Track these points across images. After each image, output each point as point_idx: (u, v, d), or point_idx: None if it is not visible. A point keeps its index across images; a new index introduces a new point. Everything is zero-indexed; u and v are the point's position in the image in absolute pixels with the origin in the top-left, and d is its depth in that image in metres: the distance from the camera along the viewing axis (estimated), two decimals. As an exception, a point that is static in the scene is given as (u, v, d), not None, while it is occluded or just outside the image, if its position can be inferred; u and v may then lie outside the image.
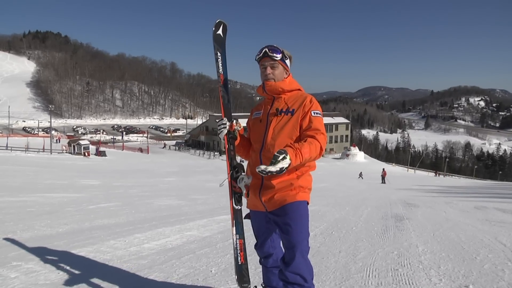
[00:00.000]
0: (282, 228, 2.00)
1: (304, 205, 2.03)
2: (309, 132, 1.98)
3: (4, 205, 6.87)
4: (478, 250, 4.07)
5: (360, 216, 6.68)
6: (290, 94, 2.12)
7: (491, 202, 10.70)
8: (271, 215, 2.07)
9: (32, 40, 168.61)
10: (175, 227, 5.02)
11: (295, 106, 2.05)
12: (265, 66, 2.09)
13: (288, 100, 2.10)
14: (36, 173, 17.65)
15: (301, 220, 2.00)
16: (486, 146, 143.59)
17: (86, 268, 3.02)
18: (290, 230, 1.96)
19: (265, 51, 2.06)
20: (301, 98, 2.08)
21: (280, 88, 2.09)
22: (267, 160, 1.90)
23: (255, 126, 2.17)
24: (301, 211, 2.01)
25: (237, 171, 2.23)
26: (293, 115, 2.03)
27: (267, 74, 2.08)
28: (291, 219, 1.98)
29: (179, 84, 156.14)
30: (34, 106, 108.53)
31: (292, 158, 1.75)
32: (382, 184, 26.38)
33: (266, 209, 2.07)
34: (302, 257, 1.97)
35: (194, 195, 10.48)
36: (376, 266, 3.35)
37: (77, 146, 39.90)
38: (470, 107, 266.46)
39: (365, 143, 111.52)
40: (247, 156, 2.23)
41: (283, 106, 2.08)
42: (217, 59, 2.49)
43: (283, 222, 2.00)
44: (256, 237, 2.24)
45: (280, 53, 2.06)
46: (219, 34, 2.52)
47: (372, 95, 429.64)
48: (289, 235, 1.97)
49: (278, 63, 2.07)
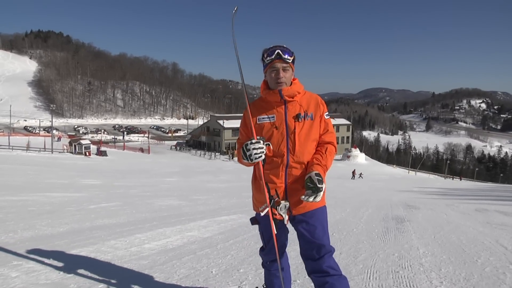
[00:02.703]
0: (311, 231, 2.01)
1: (325, 208, 2.11)
2: (325, 136, 2.05)
3: (5, 204, 6.87)
4: (479, 253, 4.06)
5: (360, 218, 6.67)
6: (300, 95, 2.03)
7: (492, 205, 10.68)
8: (297, 218, 2.04)
9: (34, 40, 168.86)
10: (175, 227, 5.01)
11: (311, 109, 2.01)
12: (277, 69, 1.95)
13: (302, 103, 2.02)
14: (37, 172, 17.68)
15: (325, 220, 2.08)
16: (487, 148, 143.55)
17: (87, 268, 3.01)
18: (317, 232, 2.00)
19: (278, 53, 1.92)
20: (313, 100, 2.05)
21: (296, 92, 2.00)
22: (298, 167, 1.98)
23: (270, 132, 1.99)
24: (325, 215, 2.09)
25: (275, 197, 2.01)
26: (313, 119, 2.01)
27: (280, 78, 1.95)
28: (318, 222, 2.02)
29: (181, 84, 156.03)
30: (35, 106, 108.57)
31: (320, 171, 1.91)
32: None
33: (290, 212, 2.00)
34: (332, 257, 2.02)
35: (195, 195, 10.48)
36: (376, 268, 3.35)
37: (78, 146, 39.96)
38: (472, 109, 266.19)
39: (366, 144, 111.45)
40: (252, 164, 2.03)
41: (299, 110, 2.00)
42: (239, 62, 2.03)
43: (310, 225, 2.01)
44: (265, 242, 2.17)
45: (291, 55, 1.96)
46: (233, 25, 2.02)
47: (374, 97, 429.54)
48: (315, 238, 2.00)
49: (289, 66, 1.97)
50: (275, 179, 2.00)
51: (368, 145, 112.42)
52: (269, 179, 2.00)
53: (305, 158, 1.98)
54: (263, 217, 2.04)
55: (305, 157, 1.98)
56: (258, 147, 1.89)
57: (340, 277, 1.98)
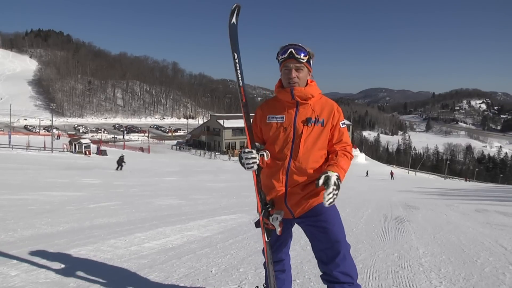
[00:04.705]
0: (319, 229, 1.92)
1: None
2: (339, 145, 1.94)
3: (5, 203, 6.87)
4: (478, 253, 4.06)
5: (360, 218, 6.67)
6: (315, 99, 1.94)
7: (492, 205, 10.68)
8: (298, 220, 1.98)
9: (34, 39, 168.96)
10: (175, 226, 5.01)
11: (324, 115, 1.91)
12: (290, 69, 1.88)
13: (315, 107, 1.93)
14: (37, 171, 17.68)
15: (337, 217, 1.95)
16: (487, 149, 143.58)
17: (87, 266, 3.02)
18: (329, 229, 1.90)
19: (291, 52, 1.85)
20: (328, 106, 1.94)
21: (310, 95, 1.91)
22: (299, 173, 1.89)
23: (277, 133, 1.93)
24: (334, 207, 1.92)
25: (268, 207, 1.95)
26: (323, 126, 1.91)
27: (292, 78, 1.88)
28: (327, 218, 1.90)
29: (181, 84, 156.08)
30: (35, 105, 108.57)
31: (339, 173, 1.78)
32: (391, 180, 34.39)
33: (293, 215, 1.95)
34: (348, 255, 1.92)
35: (195, 195, 10.48)
36: (376, 268, 3.35)
37: (78, 145, 39.98)
38: (472, 110, 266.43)
39: (366, 144, 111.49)
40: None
41: (310, 114, 1.91)
42: (236, 64, 1.92)
43: (318, 223, 1.91)
44: (272, 244, 2.10)
45: (306, 54, 1.87)
46: (233, 23, 1.91)
47: (374, 97, 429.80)
48: (329, 234, 1.89)
49: (303, 65, 1.89)
50: (276, 183, 1.93)
51: (368, 145, 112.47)
52: (270, 183, 1.95)
53: (309, 166, 1.89)
54: None
55: (309, 164, 1.88)
56: (251, 157, 1.85)
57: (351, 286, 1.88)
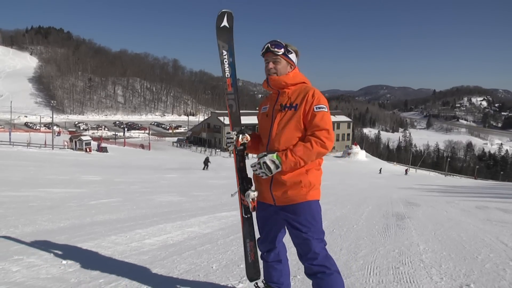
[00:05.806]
0: (295, 227, 2.02)
1: (316, 204, 2.06)
2: (310, 130, 1.98)
3: (6, 199, 6.89)
4: (479, 250, 4.07)
5: (361, 214, 6.67)
6: (294, 88, 2.11)
7: (492, 202, 10.68)
8: (280, 211, 2.09)
9: (34, 36, 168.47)
10: (176, 223, 5.02)
11: (298, 100, 2.04)
12: (268, 61, 2.10)
13: (291, 95, 2.09)
14: (37, 168, 17.71)
15: (315, 219, 2.04)
16: (488, 146, 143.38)
17: (87, 263, 3.02)
18: (302, 232, 2.00)
19: (267, 46, 2.08)
20: (303, 92, 2.06)
21: (283, 82, 2.09)
22: None
23: (263, 121, 2.19)
24: (313, 210, 2.04)
25: (245, 184, 2.21)
26: (296, 110, 2.03)
27: (270, 69, 2.10)
28: (304, 220, 2.01)
29: (181, 81, 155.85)
30: (36, 102, 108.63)
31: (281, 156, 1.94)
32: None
33: (275, 202, 2.08)
34: (322, 252, 1.99)
35: (196, 191, 10.49)
36: (377, 264, 3.35)
37: (79, 142, 39.96)
38: (472, 107, 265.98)
39: (367, 141, 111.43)
40: (257, 151, 2.21)
41: (286, 101, 2.08)
42: (223, 60, 2.25)
43: (295, 222, 2.02)
44: (260, 229, 2.24)
45: (282, 48, 2.06)
46: (224, 27, 2.23)
47: (374, 94, 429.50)
48: (301, 235, 2.00)
49: (280, 58, 2.08)
50: None
51: (368, 143, 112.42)
52: None
53: (281, 146, 2.01)
54: (260, 202, 2.16)
55: (281, 145, 2.01)
56: (228, 137, 2.22)
57: (331, 275, 1.96)
